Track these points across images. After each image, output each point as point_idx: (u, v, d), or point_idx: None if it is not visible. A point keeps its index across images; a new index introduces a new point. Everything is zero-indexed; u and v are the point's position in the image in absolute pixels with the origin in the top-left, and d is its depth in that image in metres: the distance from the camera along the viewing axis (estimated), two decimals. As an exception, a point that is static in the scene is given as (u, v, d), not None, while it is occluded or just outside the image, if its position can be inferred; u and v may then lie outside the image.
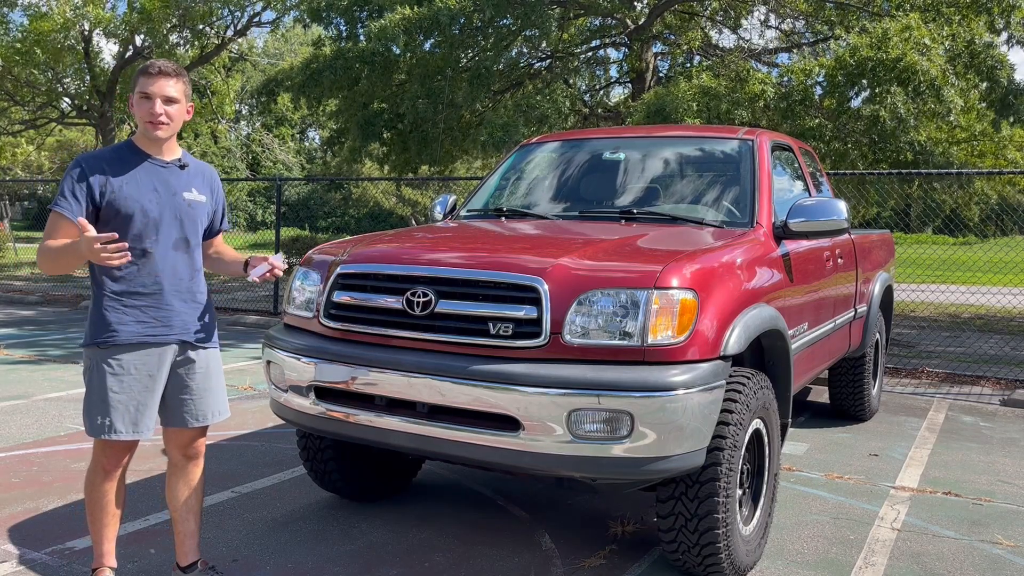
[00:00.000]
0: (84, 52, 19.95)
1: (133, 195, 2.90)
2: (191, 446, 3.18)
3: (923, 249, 14.74)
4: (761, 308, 3.53)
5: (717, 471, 3.18)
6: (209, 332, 3.14)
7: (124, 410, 2.91)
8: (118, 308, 2.92)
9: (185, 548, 3.23)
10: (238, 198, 43.11)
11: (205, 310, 3.13)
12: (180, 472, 3.19)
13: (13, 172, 34.05)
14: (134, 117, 3.00)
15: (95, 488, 3.05)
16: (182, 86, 2.96)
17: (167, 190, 2.98)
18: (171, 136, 3.00)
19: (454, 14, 11.83)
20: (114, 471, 3.03)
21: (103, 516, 3.06)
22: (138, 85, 2.91)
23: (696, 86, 10.84)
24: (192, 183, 3.07)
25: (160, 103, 2.89)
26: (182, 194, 3.01)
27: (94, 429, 2.93)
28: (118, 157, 2.96)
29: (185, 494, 3.19)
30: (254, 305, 12.87)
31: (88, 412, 2.95)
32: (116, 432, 2.91)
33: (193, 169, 3.11)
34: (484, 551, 3.75)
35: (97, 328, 2.93)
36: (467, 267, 3.33)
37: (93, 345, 2.94)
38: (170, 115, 2.92)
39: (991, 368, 8.48)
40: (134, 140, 3.02)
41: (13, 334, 10.05)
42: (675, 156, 4.79)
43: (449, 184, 17.74)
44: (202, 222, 3.11)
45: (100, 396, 2.91)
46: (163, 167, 3.00)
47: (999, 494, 4.76)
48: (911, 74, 9.45)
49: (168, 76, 2.90)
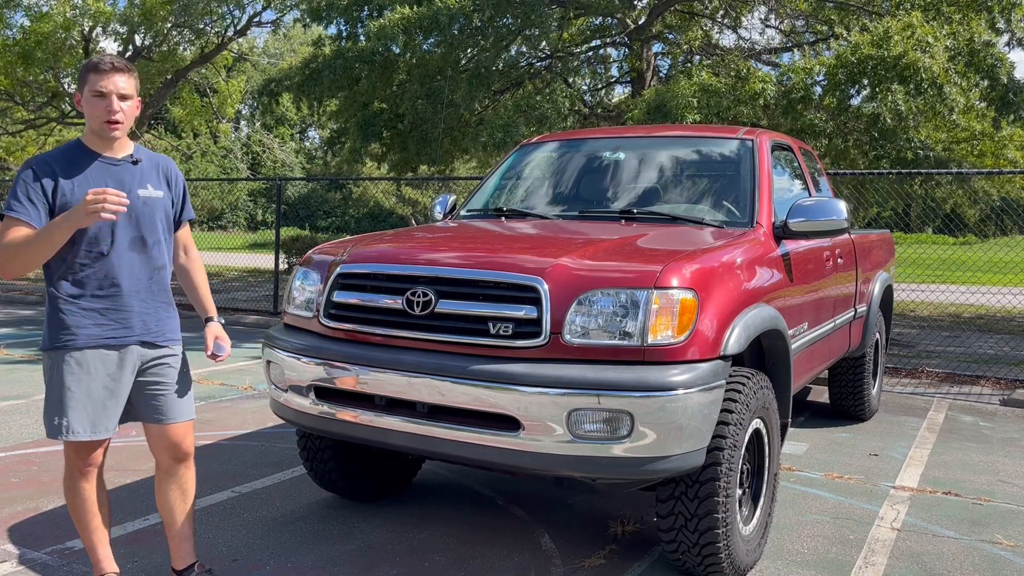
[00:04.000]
0: (84, 52, 19.94)
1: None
2: (178, 447, 3.09)
3: (923, 249, 14.74)
4: (761, 308, 3.53)
5: (717, 471, 3.18)
6: (171, 330, 3.07)
7: (82, 410, 2.85)
8: (75, 311, 2.85)
9: (181, 552, 3.18)
10: (238, 198, 43.08)
11: (167, 307, 3.05)
12: (170, 476, 3.11)
13: (13, 172, 34.04)
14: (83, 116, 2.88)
15: (74, 494, 3.00)
16: (134, 81, 2.88)
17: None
18: (124, 134, 2.92)
19: (454, 14, 11.82)
20: (86, 472, 2.97)
21: (88, 520, 3.02)
22: (88, 82, 2.81)
23: (696, 84, 10.84)
24: (147, 179, 2.98)
25: (116, 100, 2.81)
26: (137, 191, 2.92)
27: (52, 430, 2.87)
28: (69, 158, 2.87)
29: (176, 497, 3.13)
30: (254, 305, 12.87)
31: (46, 413, 2.90)
32: (73, 433, 2.85)
33: (147, 163, 3.01)
34: (484, 551, 3.75)
35: (54, 332, 2.87)
36: (467, 267, 3.33)
37: (53, 349, 2.88)
38: (125, 112, 2.85)
39: (991, 368, 8.48)
40: (83, 140, 2.93)
41: (13, 334, 10.05)
42: (675, 156, 4.78)
43: (449, 184, 17.75)
44: (161, 218, 3.01)
45: (58, 397, 2.86)
46: (115, 165, 2.92)
47: (999, 494, 4.76)
48: (913, 71, 9.44)
49: (121, 72, 2.83)
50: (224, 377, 7.60)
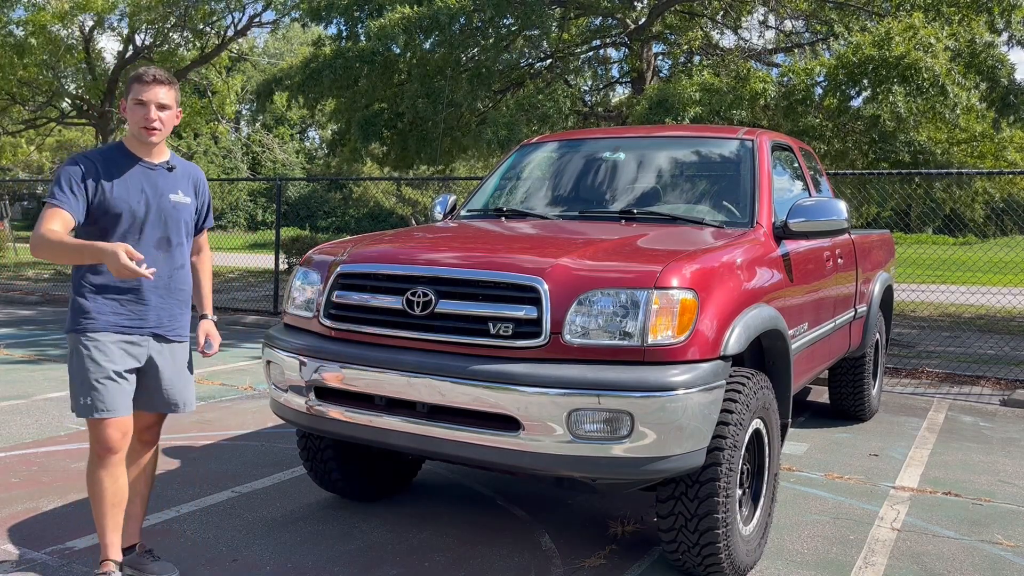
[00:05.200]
0: (85, 51, 19.95)
1: (123, 196, 3.06)
2: (148, 431, 3.29)
3: (923, 249, 14.74)
4: (761, 308, 3.53)
5: (717, 471, 3.18)
6: (182, 326, 3.27)
7: (103, 390, 3.02)
8: (97, 299, 3.06)
9: (127, 530, 3.31)
10: (238, 198, 43.09)
11: (181, 305, 3.26)
12: (133, 455, 3.26)
13: (13, 172, 34.06)
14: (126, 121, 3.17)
15: (92, 477, 3.12)
16: (174, 93, 3.14)
17: (155, 192, 3.13)
18: (161, 140, 3.16)
19: (454, 13, 11.82)
20: (105, 456, 3.08)
21: (99, 505, 3.12)
22: (132, 92, 3.08)
23: (697, 82, 10.84)
24: (179, 185, 3.23)
25: (155, 109, 3.07)
26: (168, 196, 3.17)
27: (79, 409, 3.05)
28: (110, 158, 3.11)
29: (133, 477, 3.28)
30: (254, 305, 12.87)
31: (73, 395, 3.10)
32: (98, 411, 3.01)
33: (180, 171, 3.27)
34: (484, 551, 3.75)
35: (76, 315, 3.07)
36: (467, 267, 3.33)
37: (73, 331, 3.07)
38: (163, 121, 3.10)
39: (991, 368, 8.48)
40: (124, 143, 3.18)
41: (13, 334, 10.05)
42: (675, 156, 4.78)
43: (449, 184, 17.76)
44: (186, 222, 3.26)
45: (81, 377, 3.04)
46: (152, 169, 3.16)
47: (999, 494, 4.76)
48: (914, 71, 9.43)
49: (162, 84, 3.09)
50: (224, 377, 7.60)
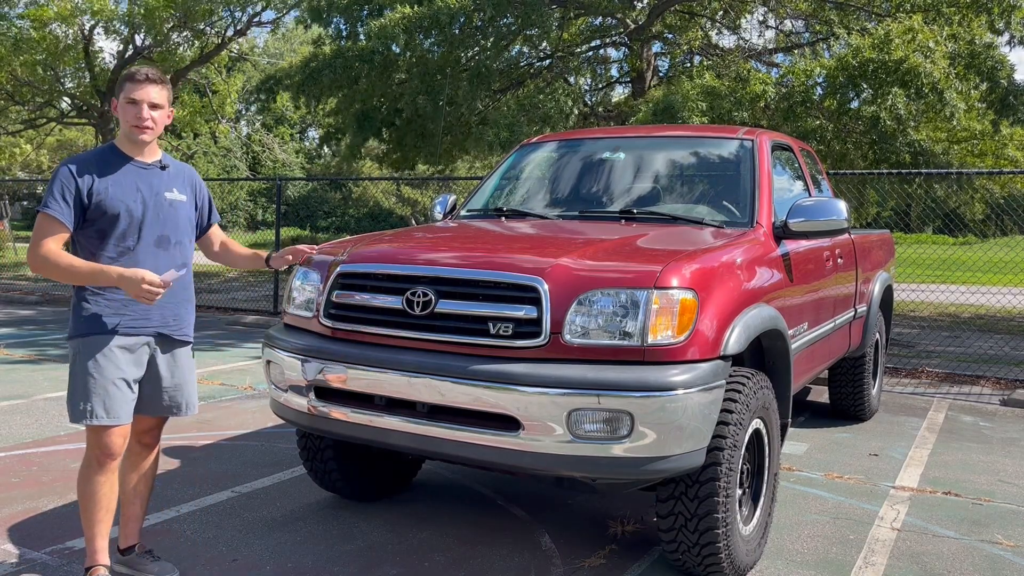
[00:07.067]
0: (84, 51, 19.94)
1: (118, 196, 3.05)
2: (148, 433, 3.29)
3: (923, 249, 14.75)
4: (761, 308, 3.53)
5: (717, 471, 3.18)
6: (187, 327, 3.27)
7: (104, 395, 3.01)
8: (100, 302, 3.05)
9: (127, 531, 3.32)
10: (238, 198, 43.07)
11: (186, 304, 3.26)
12: (133, 458, 3.28)
13: (13, 172, 34.05)
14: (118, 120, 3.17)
15: (87, 481, 3.10)
16: (166, 92, 3.15)
17: (150, 190, 3.13)
18: (153, 140, 3.17)
19: (454, 13, 11.83)
20: (105, 462, 3.07)
21: (95, 511, 3.10)
22: (124, 90, 3.08)
23: (699, 85, 10.84)
24: (173, 183, 3.24)
25: (147, 108, 3.07)
26: (164, 194, 3.17)
27: (76, 415, 3.03)
28: (103, 160, 3.11)
29: (134, 480, 3.29)
30: (254, 305, 12.87)
31: (70, 399, 3.06)
32: (96, 417, 3.00)
33: (173, 170, 3.27)
34: (484, 551, 3.75)
35: (78, 320, 3.07)
36: (467, 267, 3.33)
37: (76, 336, 3.07)
38: (155, 120, 3.11)
39: (991, 368, 8.48)
40: (116, 143, 3.17)
41: (13, 334, 10.05)
42: (675, 156, 4.78)
43: (449, 184, 17.74)
44: (185, 220, 3.26)
45: (82, 383, 3.02)
46: (145, 169, 3.16)
47: (999, 494, 4.76)
48: (913, 76, 9.44)
49: (154, 83, 3.09)
50: (224, 377, 7.60)
